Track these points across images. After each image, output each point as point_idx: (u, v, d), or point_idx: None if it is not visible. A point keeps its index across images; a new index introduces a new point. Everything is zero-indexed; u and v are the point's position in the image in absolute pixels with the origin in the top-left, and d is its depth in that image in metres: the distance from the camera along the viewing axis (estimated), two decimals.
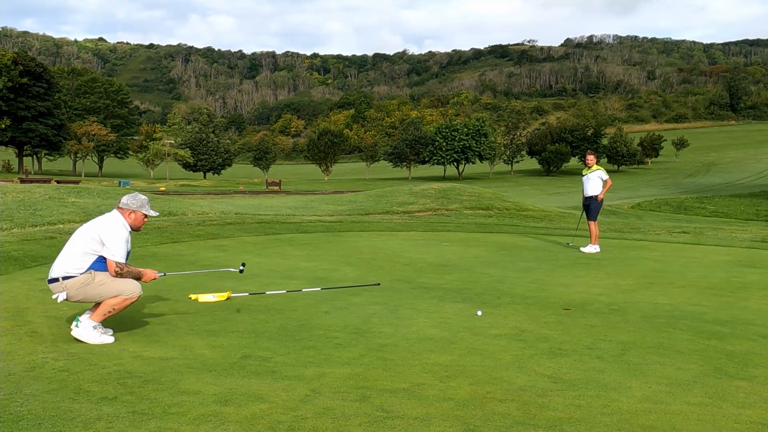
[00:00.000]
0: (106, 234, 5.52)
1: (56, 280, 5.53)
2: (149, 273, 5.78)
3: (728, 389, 4.71)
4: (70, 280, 5.49)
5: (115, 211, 5.76)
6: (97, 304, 5.57)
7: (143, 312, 6.71)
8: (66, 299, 5.54)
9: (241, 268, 7.13)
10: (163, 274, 6.21)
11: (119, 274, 5.53)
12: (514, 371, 5.01)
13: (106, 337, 5.53)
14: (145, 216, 5.84)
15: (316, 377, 4.73)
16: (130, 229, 5.73)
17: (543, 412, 4.14)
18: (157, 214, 6.22)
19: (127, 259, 5.66)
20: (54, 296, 5.60)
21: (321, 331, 6.13)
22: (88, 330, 5.46)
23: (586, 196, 13.46)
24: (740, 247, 14.31)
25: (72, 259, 5.51)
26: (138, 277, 5.67)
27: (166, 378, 4.61)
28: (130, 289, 5.57)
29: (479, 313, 6.99)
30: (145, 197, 5.86)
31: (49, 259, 9.65)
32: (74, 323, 5.52)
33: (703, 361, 5.42)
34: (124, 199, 5.74)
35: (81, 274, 5.49)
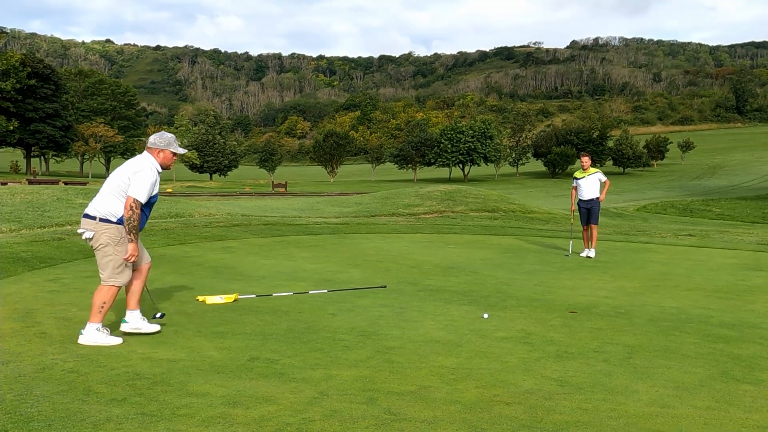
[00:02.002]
0: (134, 173, 5.59)
1: (93, 218, 5.60)
2: (134, 247, 5.58)
3: (735, 393, 4.71)
4: (105, 224, 5.57)
5: (145, 152, 5.82)
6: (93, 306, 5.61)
7: (151, 313, 6.74)
8: (88, 238, 5.63)
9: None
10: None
11: (131, 213, 5.48)
12: (521, 374, 5.02)
13: (112, 338, 5.60)
14: (174, 154, 5.87)
15: (324, 379, 4.75)
16: (160, 170, 5.79)
17: (550, 416, 4.15)
18: (185, 151, 6.24)
19: (153, 201, 5.75)
20: (80, 231, 5.70)
21: (328, 333, 6.15)
22: (91, 334, 5.53)
23: (586, 198, 13.06)
24: (746, 250, 14.27)
25: (109, 200, 5.59)
26: (129, 238, 5.56)
27: (175, 380, 4.63)
28: (120, 279, 5.66)
29: (485, 315, 7.00)
30: (172, 135, 5.88)
31: (58, 260, 9.73)
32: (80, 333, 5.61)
33: (709, 364, 5.42)
34: (152, 139, 5.80)
35: (115, 222, 5.55)
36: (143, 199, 5.56)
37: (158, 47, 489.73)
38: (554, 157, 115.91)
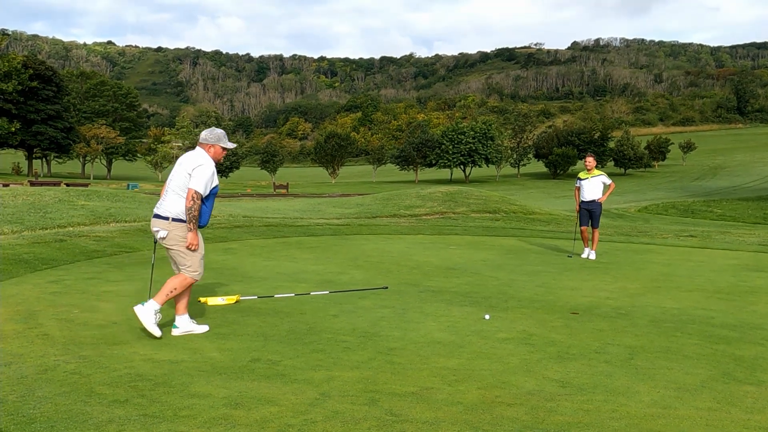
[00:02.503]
0: (194, 168, 5.86)
1: (165, 218, 5.90)
2: (194, 236, 5.91)
3: (736, 394, 4.72)
4: (177, 223, 5.89)
5: (197, 148, 6.10)
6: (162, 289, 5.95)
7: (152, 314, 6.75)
8: (162, 237, 5.92)
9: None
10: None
11: (192, 203, 5.77)
12: (522, 375, 5.03)
13: (156, 329, 5.79)
14: (224, 149, 6.12)
15: (325, 380, 4.76)
16: (213, 163, 6.02)
17: (551, 417, 4.16)
18: (234, 146, 6.47)
19: (213, 193, 6.00)
20: (154, 230, 5.99)
21: (329, 334, 6.16)
22: (149, 312, 5.78)
23: (587, 200, 12.93)
24: (748, 251, 14.27)
25: (178, 200, 5.88)
26: (189, 227, 5.87)
27: (177, 381, 4.64)
28: (198, 271, 6.06)
29: (487, 316, 7.01)
30: (222, 131, 6.15)
31: (60, 262, 9.73)
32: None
33: (711, 365, 5.43)
34: (203, 134, 6.07)
35: (185, 222, 5.86)
36: (203, 191, 5.83)
37: (159, 49, 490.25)
38: (555, 158, 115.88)
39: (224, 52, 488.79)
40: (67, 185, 42.80)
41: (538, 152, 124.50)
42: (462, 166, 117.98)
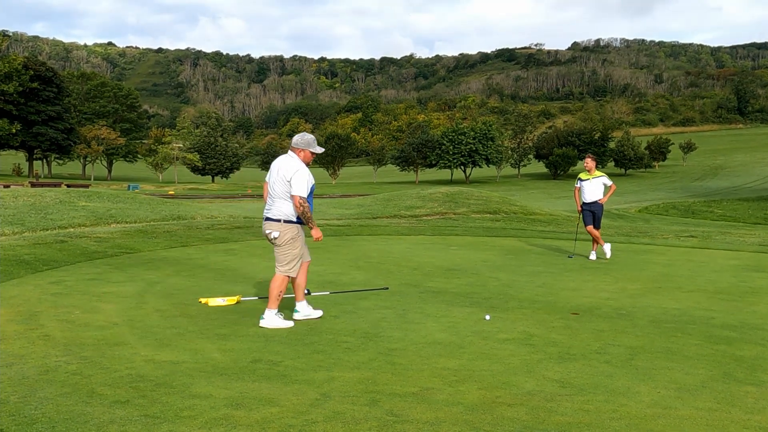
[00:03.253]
0: (291, 174, 6.34)
1: (278, 220, 6.46)
2: (318, 231, 6.59)
3: (737, 394, 4.72)
4: (288, 224, 6.47)
5: (289, 152, 6.56)
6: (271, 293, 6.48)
7: (153, 315, 6.76)
8: (275, 237, 6.46)
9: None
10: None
11: (302, 208, 6.32)
12: (523, 376, 5.03)
13: (285, 321, 6.44)
14: (313, 153, 6.58)
15: (326, 381, 4.77)
16: (305, 165, 6.49)
17: (551, 417, 4.16)
18: (323, 150, 6.82)
19: (312, 190, 6.48)
20: (268, 232, 6.52)
21: (330, 335, 6.17)
22: (270, 318, 6.39)
23: (589, 201, 12.85)
24: (748, 252, 14.27)
25: (286, 204, 6.45)
26: (310, 226, 6.47)
27: (178, 382, 4.65)
28: (294, 269, 6.58)
29: (487, 317, 7.01)
30: (312, 137, 6.58)
31: (61, 263, 9.74)
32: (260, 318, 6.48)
33: (711, 366, 5.43)
34: (295, 139, 6.53)
35: (296, 222, 6.48)
36: (305, 194, 6.34)
37: (160, 50, 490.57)
38: (556, 159, 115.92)
39: (225, 53, 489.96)
40: (68, 186, 42.83)
41: (538, 153, 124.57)
42: (462, 167, 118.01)
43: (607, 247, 12.72)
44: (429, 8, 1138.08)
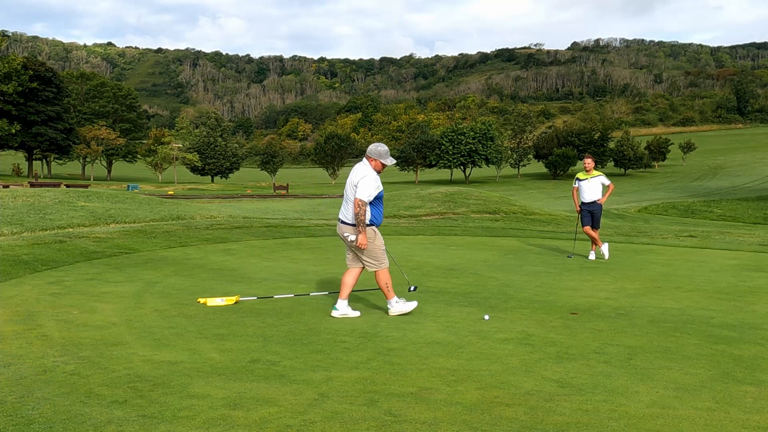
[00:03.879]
0: (359, 179, 6.80)
1: (352, 224, 6.89)
2: (364, 237, 6.83)
3: (736, 394, 4.71)
4: (357, 229, 6.82)
5: (364, 159, 7.02)
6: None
7: (152, 315, 6.75)
8: (352, 240, 6.88)
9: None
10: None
11: (359, 209, 6.74)
12: (522, 376, 5.02)
13: (407, 305, 7.08)
14: (384, 164, 6.96)
15: (324, 381, 4.76)
16: (377, 173, 6.91)
17: (550, 417, 4.16)
18: (394, 161, 7.15)
19: (380, 196, 6.93)
20: (346, 234, 6.96)
21: (329, 335, 6.16)
22: (398, 305, 7.02)
23: (588, 201, 12.87)
24: (748, 251, 14.27)
25: (351, 213, 6.85)
26: (360, 229, 6.79)
27: (176, 382, 4.64)
28: (384, 263, 7.02)
29: (486, 317, 7.01)
30: (385, 148, 6.95)
31: (60, 263, 9.74)
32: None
33: (710, 365, 5.42)
34: (370, 148, 6.95)
35: (368, 224, 6.88)
36: (366, 199, 6.75)
37: (160, 50, 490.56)
38: (555, 159, 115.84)
39: (224, 53, 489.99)
40: (67, 186, 42.81)
41: (538, 153, 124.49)
42: (462, 167, 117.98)
43: (604, 248, 12.71)
44: (429, 8, 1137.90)
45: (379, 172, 6.94)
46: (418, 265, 11.05)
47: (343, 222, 7.02)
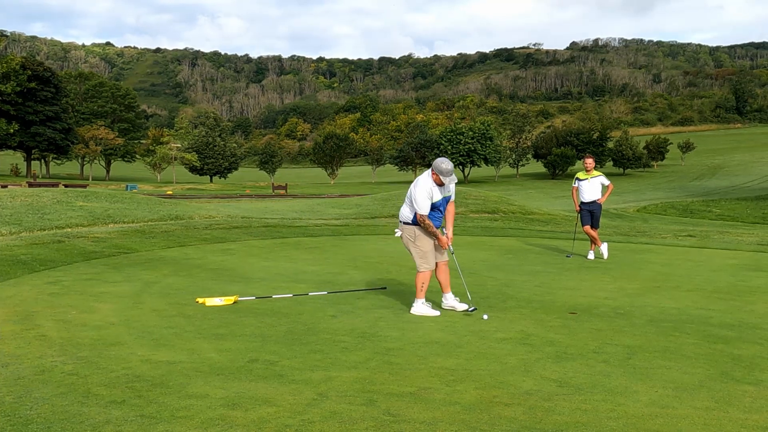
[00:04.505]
0: (413, 192, 7.17)
1: (401, 222, 7.41)
2: (443, 240, 7.28)
3: (735, 393, 4.71)
4: (406, 225, 7.34)
5: (428, 170, 7.25)
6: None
7: (150, 315, 6.75)
8: (401, 236, 7.40)
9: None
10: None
11: (422, 222, 7.12)
12: (520, 375, 5.02)
13: (433, 310, 7.21)
14: (440, 178, 7.14)
15: (323, 381, 4.75)
16: (436, 185, 7.16)
17: (549, 417, 4.15)
18: (454, 180, 7.29)
19: (438, 205, 7.22)
20: (396, 230, 7.54)
21: (327, 335, 6.16)
22: (420, 307, 7.20)
23: (587, 201, 12.91)
24: (747, 251, 14.27)
25: (406, 208, 7.37)
26: (435, 235, 7.22)
27: (174, 382, 4.64)
28: (427, 264, 7.27)
29: (485, 316, 7.01)
30: (447, 167, 7.09)
31: (58, 263, 9.73)
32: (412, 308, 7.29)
33: (709, 365, 5.42)
34: (435, 162, 7.15)
35: (411, 224, 7.27)
36: (422, 211, 7.09)
37: (158, 50, 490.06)
38: (554, 159, 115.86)
39: (223, 53, 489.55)
40: (66, 186, 42.77)
41: (536, 152, 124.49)
42: (461, 167, 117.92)
43: (604, 247, 12.72)
44: (428, 8, 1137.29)
45: (439, 185, 7.17)
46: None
47: (400, 221, 7.54)
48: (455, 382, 4.80)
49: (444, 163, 7.06)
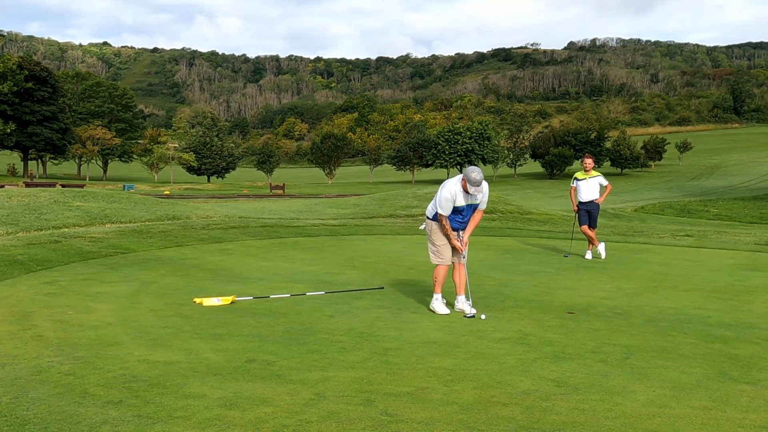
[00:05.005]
0: (440, 192, 7.31)
1: (427, 217, 7.59)
2: (456, 244, 7.39)
3: (732, 393, 4.71)
4: (428, 220, 7.56)
5: (459, 175, 7.38)
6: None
7: (148, 315, 6.73)
8: (422, 228, 7.72)
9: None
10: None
11: (440, 220, 7.31)
12: (518, 375, 5.02)
13: (444, 308, 7.30)
14: (467, 185, 7.16)
15: (321, 381, 4.74)
16: (459, 191, 7.22)
17: (547, 416, 4.15)
18: (480, 192, 7.20)
19: (460, 209, 7.27)
20: (421, 225, 7.87)
21: (325, 334, 6.15)
22: (434, 302, 7.37)
23: (585, 200, 12.94)
24: (744, 251, 14.28)
25: (431, 206, 7.53)
26: (449, 237, 7.36)
27: (171, 382, 4.63)
28: (438, 258, 7.47)
29: (483, 316, 7.00)
30: (476, 177, 7.04)
31: (55, 263, 9.70)
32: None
33: (707, 364, 5.42)
34: (467, 169, 7.17)
35: (431, 219, 7.47)
36: (442, 211, 7.26)
37: (155, 50, 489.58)
38: (552, 158, 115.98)
39: (220, 53, 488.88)
40: (63, 186, 42.71)
41: (534, 152, 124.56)
42: (459, 167, 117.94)
43: (601, 247, 12.73)
44: (426, 8, 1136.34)
45: (466, 192, 7.21)
46: (414, 264, 11.04)
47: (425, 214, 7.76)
48: (453, 382, 4.80)
49: (474, 172, 7.06)
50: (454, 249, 7.48)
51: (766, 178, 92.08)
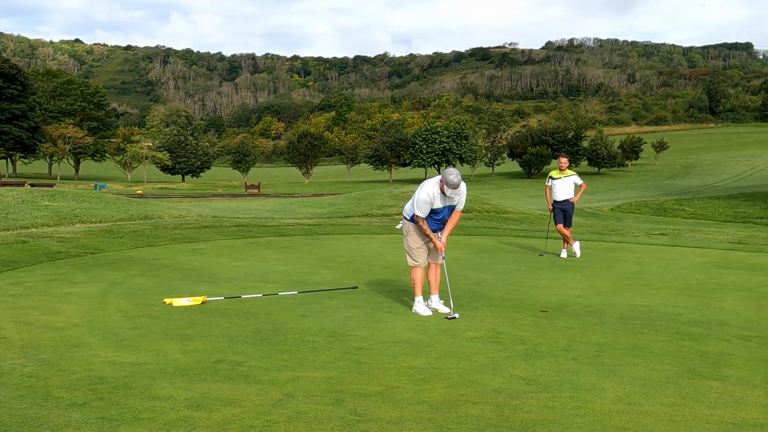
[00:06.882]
0: (418, 193, 7.25)
1: (404, 217, 7.57)
2: (437, 244, 7.31)
3: (701, 389, 4.74)
4: (405, 221, 7.51)
5: (437, 176, 7.31)
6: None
7: (116, 316, 6.62)
8: (400, 228, 7.65)
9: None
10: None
11: (418, 222, 7.25)
12: (489, 373, 5.00)
13: (426, 310, 7.23)
14: (445, 186, 7.13)
15: (290, 381, 4.69)
16: (436, 192, 7.15)
17: (516, 414, 4.13)
18: (453, 187, 7.08)
19: (437, 210, 7.21)
20: (398, 223, 7.77)
21: (296, 334, 6.09)
22: (416, 305, 7.30)
23: (560, 199, 12.97)
24: (717, 249, 14.44)
25: (408, 206, 7.49)
26: (429, 237, 7.30)
27: (138, 383, 4.55)
28: (414, 261, 7.43)
29: (456, 315, 6.98)
30: (453, 179, 7.01)
31: (21, 263, 9.54)
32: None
33: (677, 361, 5.45)
34: (445, 171, 7.13)
35: (408, 220, 7.43)
36: (419, 214, 7.19)
37: (129, 47, 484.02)
38: (530, 158, 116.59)
39: (195, 51, 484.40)
40: (32, 185, 42.08)
41: (512, 152, 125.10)
42: (436, 166, 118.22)
43: (576, 246, 12.79)
44: (406, 6, 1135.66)
45: (443, 194, 7.16)
46: (389, 264, 11.01)
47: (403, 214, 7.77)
48: (424, 381, 4.77)
49: (452, 175, 7.02)
50: (432, 250, 7.43)
51: (740, 178, 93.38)
